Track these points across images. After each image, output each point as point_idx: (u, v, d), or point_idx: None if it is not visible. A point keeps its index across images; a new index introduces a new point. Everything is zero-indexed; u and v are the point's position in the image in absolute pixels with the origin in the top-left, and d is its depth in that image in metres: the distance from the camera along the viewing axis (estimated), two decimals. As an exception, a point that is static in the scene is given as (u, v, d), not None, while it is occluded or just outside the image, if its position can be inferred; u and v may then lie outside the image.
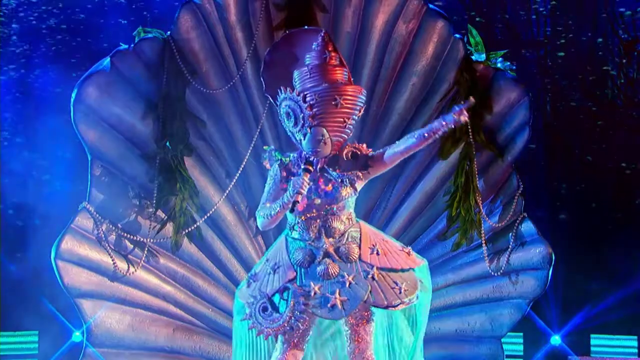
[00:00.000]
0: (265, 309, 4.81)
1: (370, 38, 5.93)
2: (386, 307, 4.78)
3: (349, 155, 4.90)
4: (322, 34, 4.84)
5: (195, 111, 5.94)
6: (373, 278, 4.83)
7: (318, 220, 4.87)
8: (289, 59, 4.99)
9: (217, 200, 5.94)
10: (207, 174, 6.07)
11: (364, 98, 4.87)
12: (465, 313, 6.03)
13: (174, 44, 5.73)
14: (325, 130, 4.80)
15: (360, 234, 4.93)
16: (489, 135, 5.92)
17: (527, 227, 5.88)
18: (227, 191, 5.95)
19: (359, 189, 4.92)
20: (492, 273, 5.90)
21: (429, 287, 5.05)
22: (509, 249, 5.87)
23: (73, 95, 5.55)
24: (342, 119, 4.76)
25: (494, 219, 5.95)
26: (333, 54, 4.85)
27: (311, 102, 4.74)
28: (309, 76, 4.84)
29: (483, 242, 5.91)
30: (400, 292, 4.78)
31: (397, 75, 6.04)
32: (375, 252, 4.89)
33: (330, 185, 4.88)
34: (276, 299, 4.83)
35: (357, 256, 4.84)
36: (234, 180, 5.92)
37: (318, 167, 4.87)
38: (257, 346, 4.95)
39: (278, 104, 4.90)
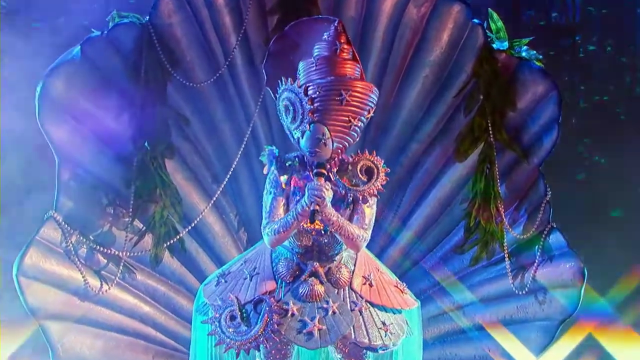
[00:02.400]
0: (232, 318, 4.68)
1: (377, 24, 5.79)
2: (366, 347, 4.70)
3: (364, 169, 4.76)
4: (336, 24, 4.70)
5: (177, 107, 5.80)
6: (360, 312, 4.72)
7: (313, 234, 4.73)
8: (296, 50, 4.86)
9: (203, 209, 5.81)
10: (192, 179, 5.95)
11: (375, 98, 4.72)
12: (485, 337, 5.90)
13: (153, 29, 5.58)
14: (326, 129, 4.62)
15: (356, 259, 4.82)
16: (512, 134, 5.78)
17: (556, 238, 5.72)
18: (215, 198, 5.80)
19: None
20: (516, 291, 5.75)
21: (418, 333, 5.01)
22: (535, 264, 5.72)
23: (38, 89, 5.40)
24: (347, 118, 4.60)
25: (517, 229, 5.81)
26: (345, 46, 4.71)
27: (313, 96, 4.58)
28: (314, 68, 4.68)
29: (506, 255, 5.76)
30: (385, 335, 4.72)
31: (407, 66, 5.90)
32: (368, 283, 4.79)
33: (336, 202, 4.75)
34: (248, 309, 4.70)
35: (347, 283, 4.72)
36: (222, 186, 5.77)
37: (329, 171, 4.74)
38: (215, 356, 4.84)
39: (277, 96, 4.75)
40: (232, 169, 5.74)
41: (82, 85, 5.47)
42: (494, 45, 5.77)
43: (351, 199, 4.70)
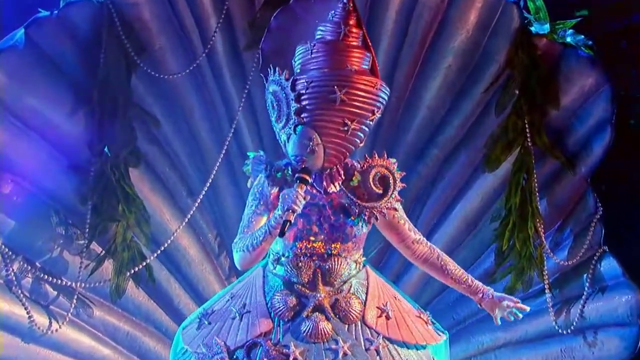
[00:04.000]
0: None
1: (388, 2, 5.70)
2: None
3: (377, 179, 4.57)
4: (346, 1, 4.59)
5: (144, 104, 5.69)
6: (377, 352, 4.59)
7: (314, 259, 4.57)
8: (300, 29, 4.73)
9: (176, 228, 5.75)
10: (162, 192, 5.85)
11: (384, 96, 4.54)
12: (522, 387, 5.89)
13: (114, 9, 5.48)
14: (315, 134, 4.43)
15: (368, 286, 4.71)
16: (555, 138, 5.71)
17: (609, 265, 5.64)
18: (190, 215, 5.74)
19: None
20: (560, 330, 5.69)
21: None
22: (584, 297, 5.65)
23: (-29, 83, 5.30)
24: (341, 121, 4.42)
25: (561, 254, 5.73)
26: (354, 30, 4.54)
27: (301, 91, 4.42)
28: (310, 55, 4.51)
29: (546, 286, 5.68)
30: None
31: (426, 54, 5.78)
32: (384, 315, 4.67)
33: (341, 215, 4.59)
34: (239, 356, 4.57)
35: (359, 317, 4.60)
36: (199, 200, 5.71)
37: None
38: None
39: (266, 90, 4.62)
40: (210, 180, 5.70)
41: (26, 77, 5.37)
42: (533, 29, 5.70)
43: (367, 217, 4.56)
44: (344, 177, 4.61)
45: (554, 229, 5.78)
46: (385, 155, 4.63)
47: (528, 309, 4.68)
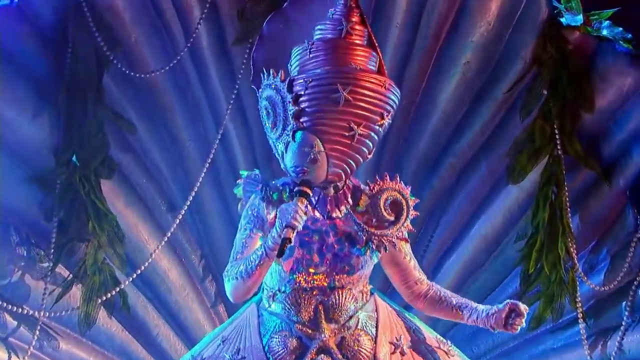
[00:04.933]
0: None
1: None
2: None
3: (389, 204, 4.42)
4: None
5: (118, 106, 5.54)
6: None
7: (315, 293, 4.42)
8: (293, 37, 4.60)
9: (154, 249, 5.57)
10: (138, 207, 5.66)
11: (394, 98, 4.38)
12: None
13: None
14: (317, 140, 4.28)
15: (377, 319, 4.56)
16: (589, 145, 5.57)
17: None
18: (170, 233, 5.57)
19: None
20: None
21: None
22: (622, 327, 5.47)
23: None
24: (346, 125, 4.27)
25: (596, 278, 5.58)
26: (357, 27, 4.43)
27: (300, 92, 4.27)
28: (309, 55, 4.38)
29: (580, 315, 5.52)
30: None
31: (441, 49, 5.63)
32: (399, 351, 4.52)
33: (346, 244, 4.46)
34: None
35: (370, 355, 4.44)
36: (181, 216, 5.54)
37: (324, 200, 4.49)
38: None
39: (259, 96, 4.49)
40: (194, 193, 5.56)
41: (-19, 74, 5.33)
42: (563, 20, 5.58)
43: (375, 245, 4.43)
44: (351, 202, 4.49)
45: (587, 249, 5.65)
46: (398, 179, 4.48)
47: (526, 310, 4.51)
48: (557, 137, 5.52)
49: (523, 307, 4.41)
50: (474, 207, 5.78)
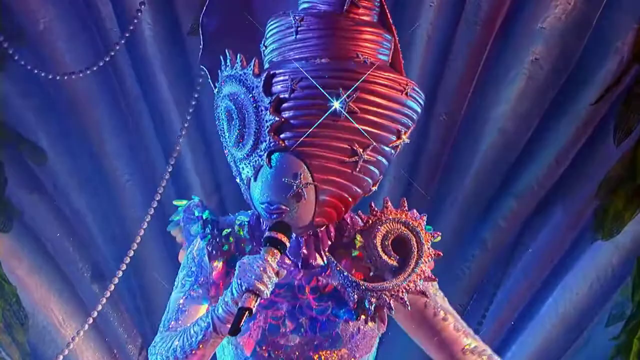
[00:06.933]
0: None
1: None
2: None
3: (390, 243, 3.65)
4: None
5: (20, 123, 4.89)
6: None
7: None
8: (253, 12, 3.86)
9: (72, 336, 4.79)
10: (49, 273, 4.89)
11: (417, 107, 3.54)
12: None
13: None
14: (304, 167, 3.52)
15: None
16: None
17: None
18: (96, 312, 4.75)
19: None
20: None
21: None
22: None
23: None
24: (347, 147, 3.52)
25: None
26: None
27: (282, 95, 3.48)
28: (295, 37, 3.60)
29: None
30: None
31: (496, 41, 4.84)
32: None
33: (330, 303, 3.67)
34: None
35: None
36: (113, 286, 4.75)
37: (304, 249, 3.75)
38: None
39: (216, 91, 3.72)
40: (133, 250, 4.72)
41: None
42: None
43: (372, 306, 3.68)
44: (333, 240, 3.69)
45: None
46: (406, 205, 3.61)
47: None
48: (665, 168, 5.13)
49: None
50: (545, 273, 5.03)
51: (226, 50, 3.61)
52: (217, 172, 5.11)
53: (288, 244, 3.55)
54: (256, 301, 3.46)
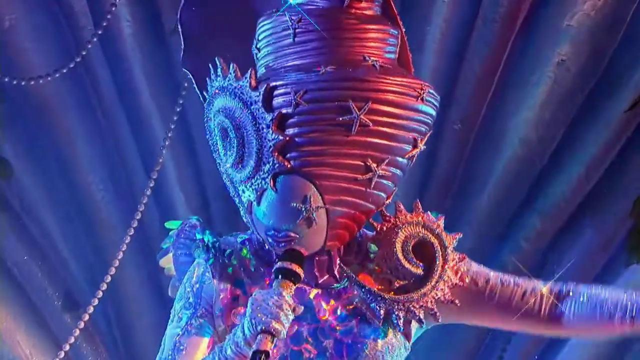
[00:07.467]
0: None
1: None
2: None
3: (411, 250, 3.23)
4: None
5: None
6: None
7: None
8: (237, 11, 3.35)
9: None
10: (15, 303, 4.69)
11: (432, 111, 3.10)
12: None
13: None
14: (315, 190, 3.16)
15: None
16: None
17: None
18: (69, 345, 4.52)
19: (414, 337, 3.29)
20: None
21: None
22: None
23: None
24: (360, 164, 3.18)
25: None
26: None
27: (285, 110, 3.10)
28: (293, 39, 3.19)
29: None
30: None
31: (517, 40, 4.63)
32: None
33: (354, 322, 3.22)
34: None
35: None
36: (87, 315, 4.53)
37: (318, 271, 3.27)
38: None
39: (206, 102, 3.25)
40: (109, 277, 4.49)
41: None
42: None
43: (402, 320, 3.20)
44: (342, 254, 3.27)
45: None
46: (420, 207, 3.23)
47: None
48: None
49: None
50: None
51: (216, 59, 3.12)
52: (205, 187, 4.87)
53: (302, 275, 3.23)
54: (272, 342, 3.16)
